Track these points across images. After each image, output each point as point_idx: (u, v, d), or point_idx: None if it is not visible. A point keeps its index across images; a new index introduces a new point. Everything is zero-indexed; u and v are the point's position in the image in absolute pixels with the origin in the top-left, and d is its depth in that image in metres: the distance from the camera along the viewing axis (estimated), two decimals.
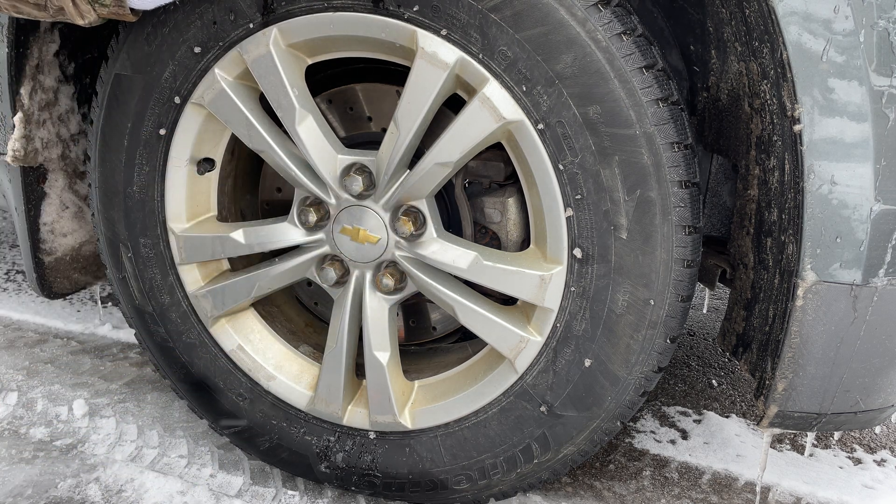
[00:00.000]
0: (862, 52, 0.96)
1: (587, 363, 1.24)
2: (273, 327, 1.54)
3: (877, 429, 1.89)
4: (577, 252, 1.19)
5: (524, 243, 1.45)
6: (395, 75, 1.47)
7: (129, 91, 1.36)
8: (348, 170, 1.29)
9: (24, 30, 1.43)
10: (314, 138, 1.28)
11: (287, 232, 1.38)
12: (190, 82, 1.31)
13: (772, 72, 1.06)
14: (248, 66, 1.26)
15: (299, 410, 1.48)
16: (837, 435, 1.85)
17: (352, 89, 1.50)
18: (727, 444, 1.77)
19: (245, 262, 1.54)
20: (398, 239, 1.31)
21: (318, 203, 1.37)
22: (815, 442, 1.82)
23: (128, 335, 2.28)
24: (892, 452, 1.80)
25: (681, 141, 1.11)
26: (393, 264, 1.35)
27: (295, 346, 1.54)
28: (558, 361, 1.26)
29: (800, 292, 1.06)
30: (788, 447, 1.79)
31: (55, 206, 1.68)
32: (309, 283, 1.70)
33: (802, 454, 1.76)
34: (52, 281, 1.71)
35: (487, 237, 1.46)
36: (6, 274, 2.79)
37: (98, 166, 1.44)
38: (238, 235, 1.40)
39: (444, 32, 1.13)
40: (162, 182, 1.40)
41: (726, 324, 1.35)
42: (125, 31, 1.33)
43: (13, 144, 1.49)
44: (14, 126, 1.48)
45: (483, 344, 1.43)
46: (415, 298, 1.46)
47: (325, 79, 1.52)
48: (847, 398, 1.13)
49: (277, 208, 1.67)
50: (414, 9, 1.14)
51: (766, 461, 1.70)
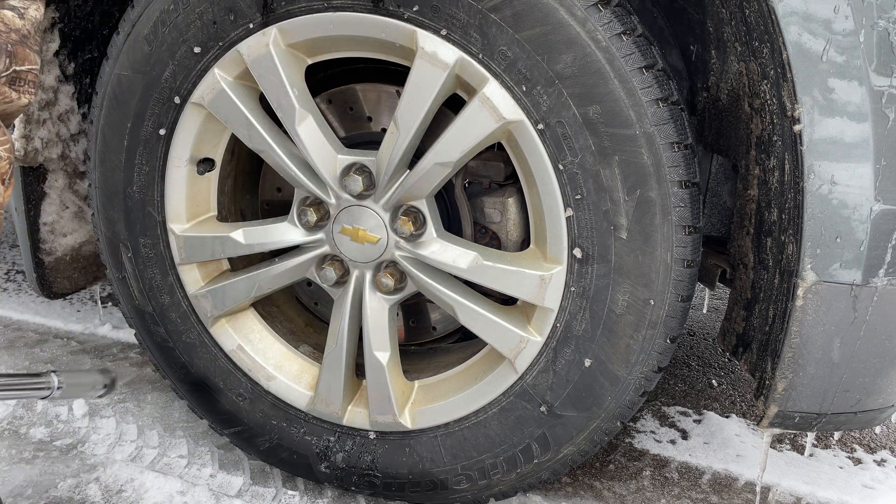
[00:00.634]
0: (862, 52, 0.96)
1: (587, 363, 1.24)
2: (273, 327, 1.54)
3: (877, 429, 1.89)
4: (577, 252, 1.19)
5: (524, 243, 1.45)
6: (395, 75, 1.47)
7: (129, 91, 1.36)
8: (348, 170, 1.29)
9: None
10: (314, 138, 1.27)
11: (287, 232, 1.38)
12: (190, 82, 1.31)
13: (772, 72, 1.06)
14: (248, 66, 1.26)
15: (299, 410, 1.48)
16: (837, 435, 1.85)
17: (352, 89, 1.50)
18: (727, 444, 1.77)
19: (245, 262, 1.54)
20: (398, 239, 1.31)
21: (318, 203, 1.37)
22: (815, 442, 1.82)
23: (128, 335, 2.28)
24: (892, 452, 1.80)
25: (681, 141, 1.11)
26: (393, 264, 1.35)
27: (295, 346, 1.54)
28: (558, 361, 1.26)
29: (800, 292, 1.06)
30: (788, 447, 1.78)
31: (55, 206, 1.68)
32: (309, 283, 1.69)
33: (802, 454, 1.76)
34: (52, 281, 1.71)
35: (487, 237, 1.46)
36: (6, 274, 2.79)
37: (98, 166, 1.44)
38: (238, 235, 1.40)
39: (444, 32, 1.13)
40: (162, 182, 1.40)
41: (726, 324, 1.35)
42: (126, 31, 1.33)
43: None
44: (14, 126, 1.48)
45: (483, 344, 1.43)
46: (415, 298, 1.46)
47: (325, 79, 1.52)
48: (847, 398, 1.13)
49: (277, 208, 1.67)
50: (414, 9, 1.14)
51: (766, 461, 1.70)
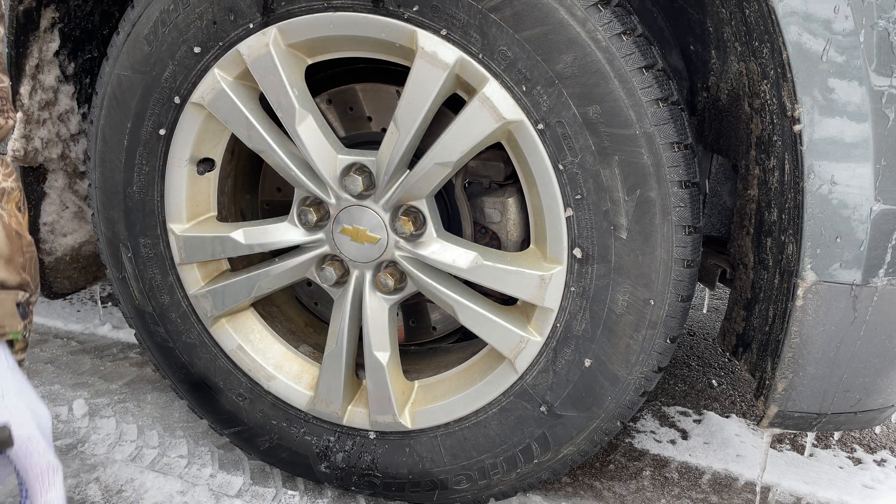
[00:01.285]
0: (862, 52, 0.96)
1: (587, 363, 1.24)
2: (273, 327, 1.54)
3: (877, 429, 1.89)
4: (577, 252, 1.19)
5: (524, 243, 1.45)
6: (395, 75, 1.47)
7: (129, 91, 1.35)
8: (348, 170, 1.29)
9: (25, 29, 1.43)
10: (314, 138, 1.27)
11: (287, 232, 1.38)
12: (190, 82, 1.31)
13: (772, 72, 1.06)
14: (248, 66, 1.26)
15: (299, 410, 1.48)
16: (837, 435, 1.85)
17: (352, 89, 1.50)
18: (727, 444, 1.77)
19: (245, 262, 1.54)
20: (398, 239, 1.31)
21: (318, 203, 1.37)
22: (815, 442, 1.82)
23: (128, 335, 2.28)
24: (892, 452, 1.80)
25: (681, 141, 1.11)
26: (393, 264, 1.35)
27: (295, 346, 1.54)
28: (558, 361, 1.26)
29: (800, 292, 1.06)
30: (788, 447, 1.78)
31: (55, 206, 1.68)
32: (309, 283, 1.69)
33: (802, 454, 1.76)
34: (52, 281, 1.71)
35: (487, 237, 1.46)
36: None
37: (98, 166, 1.44)
38: (238, 235, 1.40)
39: (444, 32, 1.13)
40: (162, 182, 1.40)
41: (726, 324, 1.35)
42: (126, 31, 1.33)
43: (13, 144, 1.50)
44: (14, 126, 1.48)
45: (483, 344, 1.43)
46: (415, 298, 1.46)
47: (325, 79, 1.52)
48: (847, 398, 1.13)
49: (277, 208, 1.67)
50: (414, 9, 1.14)
51: (766, 461, 1.70)
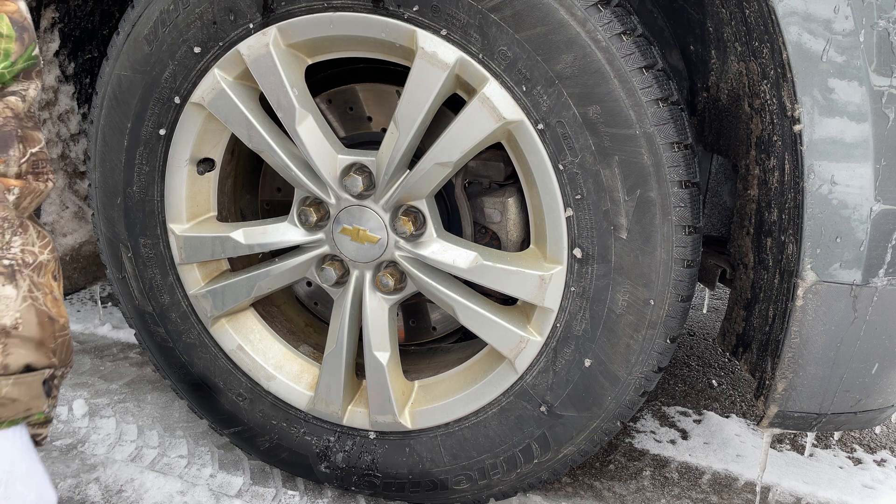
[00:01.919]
0: (862, 52, 0.96)
1: (587, 363, 1.24)
2: (273, 327, 1.54)
3: (877, 429, 1.89)
4: (577, 252, 1.19)
5: (524, 243, 1.45)
6: (395, 75, 1.47)
7: (129, 91, 1.35)
8: (348, 170, 1.29)
9: None
10: (314, 138, 1.27)
11: (287, 232, 1.38)
12: (190, 82, 1.31)
13: (772, 72, 1.06)
14: (248, 67, 1.26)
15: (299, 410, 1.48)
16: (837, 435, 1.85)
17: (352, 89, 1.50)
18: (727, 444, 1.77)
19: (245, 262, 1.54)
20: (398, 239, 1.31)
21: (318, 203, 1.37)
22: (815, 442, 1.82)
23: (128, 335, 2.28)
24: (892, 452, 1.80)
25: (681, 141, 1.11)
26: (393, 264, 1.35)
27: (295, 346, 1.54)
28: (558, 361, 1.26)
29: (800, 292, 1.06)
30: (788, 447, 1.78)
31: (55, 207, 1.68)
32: (309, 283, 1.70)
33: (802, 454, 1.76)
34: None
35: (487, 237, 1.46)
36: None
37: (98, 166, 1.44)
38: (238, 235, 1.40)
39: (444, 32, 1.13)
40: (162, 182, 1.40)
41: (726, 324, 1.35)
42: (126, 31, 1.33)
43: None
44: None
45: (483, 344, 1.43)
46: (415, 298, 1.46)
47: (325, 79, 1.52)
48: (847, 398, 1.13)
49: (277, 208, 1.67)
50: (414, 9, 1.14)
51: (766, 461, 1.70)
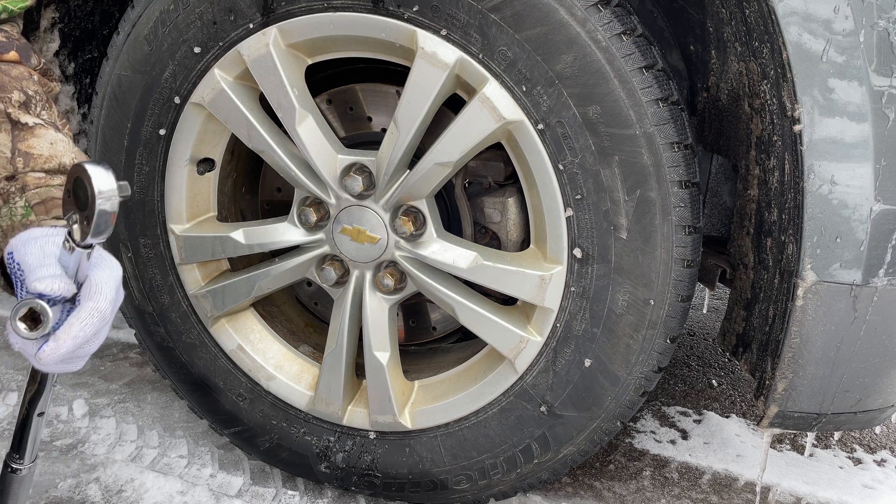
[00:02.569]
0: (862, 52, 0.96)
1: (587, 363, 1.24)
2: (273, 327, 1.54)
3: (877, 429, 1.89)
4: (577, 252, 1.19)
5: (524, 243, 1.45)
6: (395, 75, 1.47)
7: (129, 91, 1.35)
8: (348, 170, 1.29)
9: (25, 29, 1.43)
10: (314, 138, 1.27)
11: (287, 232, 1.38)
12: (190, 82, 1.31)
13: (772, 72, 1.06)
14: (248, 67, 1.26)
15: (299, 410, 1.48)
16: (837, 435, 1.85)
17: (352, 89, 1.50)
18: (727, 444, 1.77)
19: (245, 263, 1.54)
20: (398, 239, 1.31)
21: (318, 203, 1.37)
22: (815, 442, 1.82)
23: (128, 335, 2.28)
24: (892, 452, 1.80)
25: (681, 141, 1.11)
26: (393, 264, 1.35)
27: (295, 346, 1.54)
28: (558, 361, 1.26)
29: (800, 292, 1.06)
30: (788, 447, 1.79)
31: None
32: (309, 283, 1.69)
33: (802, 454, 1.76)
34: None
35: (487, 237, 1.46)
36: None
37: None
38: (238, 235, 1.40)
39: (444, 32, 1.13)
40: (162, 182, 1.40)
41: (726, 324, 1.35)
42: (126, 31, 1.33)
43: None
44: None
45: (483, 344, 1.43)
46: (415, 298, 1.46)
47: (325, 79, 1.52)
48: (847, 398, 1.13)
49: (277, 208, 1.67)
50: (414, 9, 1.14)
51: (766, 461, 1.70)
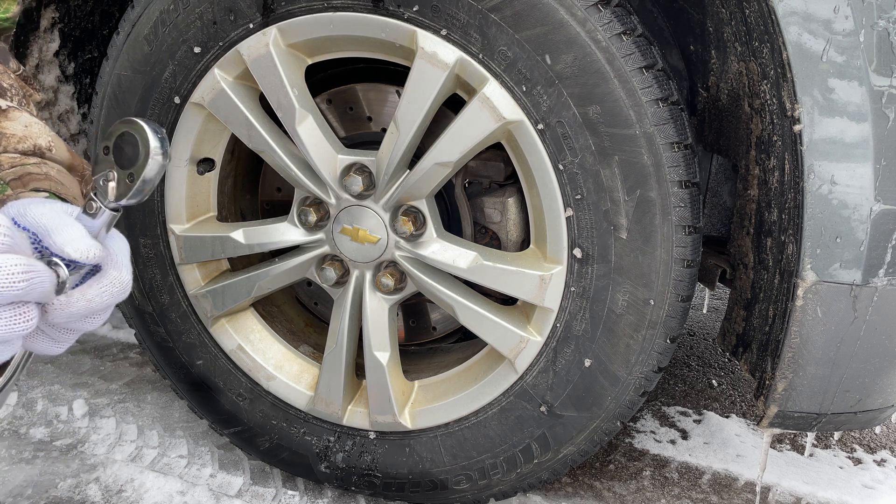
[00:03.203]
0: (862, 52, 0.96)
1: (587, 363, 1.24)
2: (273, 327, 1.54)
3: (877, 429, 1.89)
4: (577, 252, 1.19)
5: (524, 243, 1.45)
6: (395, 75, 1.47)
7: (129, 91, 1.35)
8: (348, 170, 1.29)
9: (24, 29, 1.43)
10: (314, 138, 1.27)
11: (287, 232, 1.38)
12: (190, 82, 1.31)
13: (772, 72, 1.06)
14: (248, 67, 1.26)
15: (299, 410, 1.48)
16: (837, 435, 1.85)
17: (352, 89, 1.50)
18: (727, 444, 1.77)
19: (245, 262, 1.54)
20: (398, 239, 1.31)
21: (318, 203, 1.37)
22: (815, 442, 1.82)
23: (128, 335, 2.28)
24: (892, 452, 1.80)
25: (681, 141, 1.11)
26: (393, 264, 1.35)
27: (295, 347, 1.54)
28: (558, 361, 1.26)
29: (800, 292, 1.06)
30: (788, 447, 1.79)
31: None
32: (309, 283, 1.69)
33: (802, 454, 1.76)
34: None
35: (487, 237, 1.46)
36: None
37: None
38: (238, 235, 1.40)
39: (444, 32, 1.13)
40: (162, 182, 1.40)
41: (726, 324, 1.35)
42: (126, 31, 1.33)
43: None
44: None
45: (483, 344, 1.43)
46: (415, 298, 1.46)
47: (325, 79, 1.52)
48: (847, 398, 1.13)
49: (277, 208, 1.67)
50: (414, 9, 1.14)
51: (766, 461, 1.70)
